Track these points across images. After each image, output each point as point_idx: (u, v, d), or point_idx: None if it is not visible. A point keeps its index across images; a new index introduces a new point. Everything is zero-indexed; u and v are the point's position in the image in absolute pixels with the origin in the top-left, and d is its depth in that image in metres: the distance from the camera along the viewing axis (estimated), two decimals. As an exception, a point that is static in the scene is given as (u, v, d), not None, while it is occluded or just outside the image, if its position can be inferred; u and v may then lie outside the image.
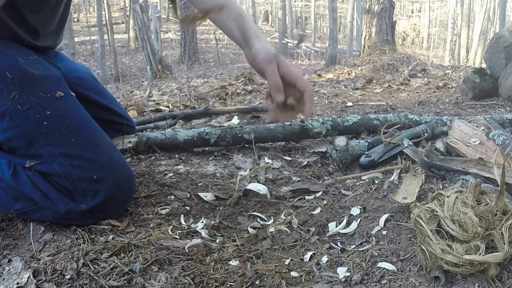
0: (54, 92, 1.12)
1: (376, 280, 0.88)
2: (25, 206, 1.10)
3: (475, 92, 3.01)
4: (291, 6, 18.07)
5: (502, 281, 0.83)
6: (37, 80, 1.11)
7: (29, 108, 1.08)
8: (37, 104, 1.09)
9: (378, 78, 4.43)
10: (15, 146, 1.10)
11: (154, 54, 6.12)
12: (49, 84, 1.13)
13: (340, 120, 1.90)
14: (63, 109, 1.12)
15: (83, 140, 1.11)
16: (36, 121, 1.08)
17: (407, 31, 23.11)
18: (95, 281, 0.88)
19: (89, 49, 13.31)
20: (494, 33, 4.13)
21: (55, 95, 1.12)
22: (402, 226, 1.06)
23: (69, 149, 1.08)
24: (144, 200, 1.28)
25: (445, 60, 15.51)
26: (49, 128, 1.08)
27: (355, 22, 13.69)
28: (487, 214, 0.86)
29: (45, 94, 1.10)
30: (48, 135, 1.08)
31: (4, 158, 1.13)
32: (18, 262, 0.94)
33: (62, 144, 1.08)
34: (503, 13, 11.96)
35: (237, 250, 1.06)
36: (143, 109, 2.82)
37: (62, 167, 1.07)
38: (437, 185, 1.24)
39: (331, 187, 1.44)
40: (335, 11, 6.84)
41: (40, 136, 1.08)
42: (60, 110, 1.11)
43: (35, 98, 1.09)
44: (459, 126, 1.54)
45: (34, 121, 1.08)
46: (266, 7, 27.26)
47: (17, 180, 1.10)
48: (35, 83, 1.10)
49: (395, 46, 6.98)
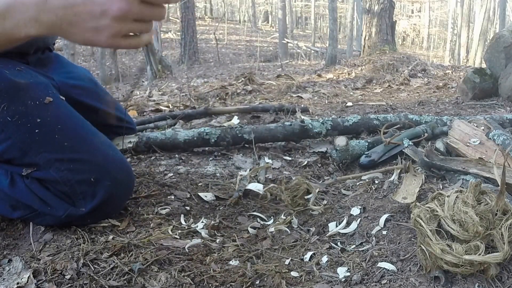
0: (42, 98, 1.11)
1: (376, 280, 0.88)
2: (24, 214, 1.09)
3: (475, 92, 3.01)
4: (291, 6, 18.06)
5: (502, 281, 0.83)
6: (24, 89, 1.09)
7: (19, 118, 1.06)
8: (27, 113, 1.08)
9: (378, 78, 4.43)
10: (11, 157, 1.09)
11: (154, 54, 6.12)
12: (37, 91, 1.11)
13: (340, 120, 1.90)
14: (53, 114, 1.10)
15: (77, 142, 1.10)
16: (27, 130, 1.07)
17: (407, 31, 23.10)
18: (95, 281, 0.88)
19: (89, 49, 13.30)
20: (494, 33, 4.13)
21: (44, 101, 1.10)
22: (402, 226, 1.06)
23: (64, 154, 1.07)
24: (144, 200, 1.28)
25: (445, 60, 15.51)
26: (41, 135, 1.07)
27: (355, 22, 13.68)
28: (487, 214, 0.86)
29: (33, 102, 1.09)
30: (41, 142, 1.07)
31: (1, 168, 1.12)
32: (18, 262, 0.94)
33: (56, 150, 1.07)
34: (503, 13, 11.96)
35: (237, 250, 1.06)
36: (143, 109, 2.82)
37: (59, 173, 1.06)
38: (437, 185, 1.24)
39: (331, 187, 1.44)
40: (335, 11, 6.85)
41: (33, 144, 1.07)
42: (50, 116, 1.10)
43: (24, 108, 1.08)
44: (459, 126, 1.54)
45: (25, 130, 1.07)
46: (266, 7, 27.27)
47: (15, 188, 1.09)
48: (22, 92, 1.09)
49: (395, 46, 6.98)
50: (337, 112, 2.62)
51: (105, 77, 8.46)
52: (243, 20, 24.85)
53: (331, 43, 6.34)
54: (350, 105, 2.87)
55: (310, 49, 12.15)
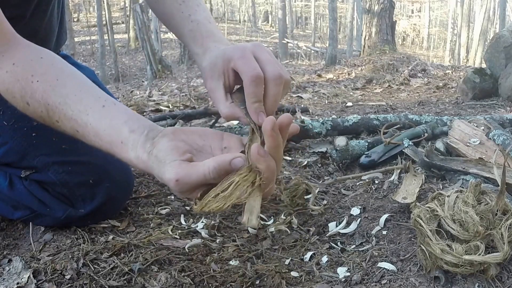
0: None
1: (376, 280, 0.88)
2: (24, 214, 1.09)
3: (475, 92, 3.01)
4: (291, 6, 18.06)
5: (502, 281, 0.83)
6: None
7: (15, 122, 1.05)
8: (23, 117, 1.05)
9: (378, 78, 4.43)
10: (9, 161, 1.09)
11: (154, 54, 6.12)
12: None
13: (340, 120, 1.90)
14: None
15: (75, 144, 1.06)
16: (24, 134, 1.05)
17: (407, 31, 23.11)
18: (95, 281, 0.88)
19: (89, 49, 13.31)
20: (494, 33, 4.13)
21: None
22: (402, 226, 1.06)
23: (62, 157, 1.06)
24: (144, 200, 1.28)
25: (445, 60, 15.52)
26: (38, 139, 1.05)
27: (355, 22, 13.69)
28: (487, 214, 0.86)
29: None
30: (38, 145, 1.06)
31: (0, 170, 1.12)
32: (18, 262, 0.94)
33: (54, 153, 1.06)
34: (503, 13, 11.97)
35: (237, 250, 1.06)
36: (143, 109, 2.82)
37: (57, 175, 1.06)
38: (437, 185, 1.24)
39: (331, 187, 1.44)
40: (335, 11, 6.85)
41: (31, 148, 1.06)
42: None
43: (20, 112, 1.07)
44: (459, 126, 1.54)
45: (22, 134, 1.05)
46: (266, 7, 27.27)
47: (14, 190, 1.08)
48: None
49: (395, 46, 6.99)
50: (337, 112, 2.62)
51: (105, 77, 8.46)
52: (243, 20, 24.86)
53: (331, 43, 6.34)
54: (350, 105, 2.87)
55: (310, 49, 12.16)
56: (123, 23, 17.55)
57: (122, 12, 18.89)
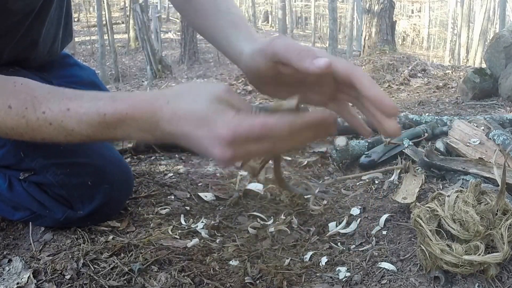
0: None
1: (376, 280, 0.88)
2: (24, 215, 1.09)
3: (475, 92, 3.01)
4: (291, 6, 18.07)
5: (502, 281, 0.83)
6: None
7: None
8: None
9: (378, 78, 4.43)
10: (8, 164, 1.08)
11: (154, 54, 6.13)
12: None
13: (340, 120, 1.90)
14: None
15: (73, 146, 1.07)
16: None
17: (407, 31, 23.11)
18: (95, 281, 0.88)
19: (89, 49, 13.32)
20: (494, 33, 4.13)
21: None
22: (402, 226, 1.06)
23: (60, 158, 1.06)
24: (144, 200, 1.28)
25: (445, 60, 15.52)
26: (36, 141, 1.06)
27: (355, 22, 13.69)
28: (487, 214, 0.86)
29: None
30: (36, 148, 1.05)
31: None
32: (18, 262, 0.94)
33: (52, 154, 1.05)
34: (503, 13, 11.97)
35: (237, 250, 1.06)
36: (143, 109, 2.82)
37: (55, 177, 1.05)
38: (437, 185, 1.24)
39: (331, 187, 1.44)
40: (335, 11, 6.85)
41: (28, 151, 1.05)
42: None
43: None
44: (459, 126, 1.54)
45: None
46: (266, 7, 27.28)
47: (13, 192, 1.08)
48: None
49: (395, 46, 6.98)
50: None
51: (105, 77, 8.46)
52: (243, 20, 24.81)
53: (331, 43, 6.34)
54: (350, 105, 2.87)
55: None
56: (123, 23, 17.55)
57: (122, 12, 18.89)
